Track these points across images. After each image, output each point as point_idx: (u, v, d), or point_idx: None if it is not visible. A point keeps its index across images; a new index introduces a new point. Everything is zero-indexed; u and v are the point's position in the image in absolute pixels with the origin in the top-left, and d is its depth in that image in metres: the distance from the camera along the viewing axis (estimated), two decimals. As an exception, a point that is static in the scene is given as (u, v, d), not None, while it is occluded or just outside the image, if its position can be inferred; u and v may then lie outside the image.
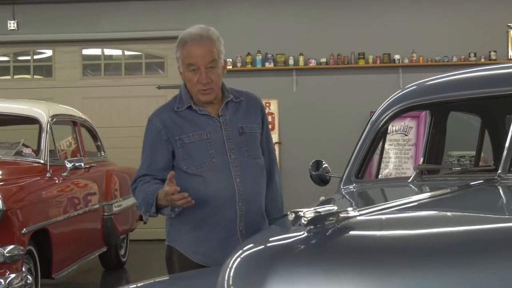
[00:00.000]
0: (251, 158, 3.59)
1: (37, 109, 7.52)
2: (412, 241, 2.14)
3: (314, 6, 10.92)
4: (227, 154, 3.52)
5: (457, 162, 6.13)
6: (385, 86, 9.98)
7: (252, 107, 3.67)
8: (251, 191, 3.56)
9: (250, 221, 3.55)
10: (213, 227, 3.52)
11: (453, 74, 3.67)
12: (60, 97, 10.64)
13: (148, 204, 3.43)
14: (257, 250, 2.27)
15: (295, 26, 10.91)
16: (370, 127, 3.69)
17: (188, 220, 3.55)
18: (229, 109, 3.59)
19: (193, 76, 3.47)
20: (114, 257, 8.90)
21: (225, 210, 3.51)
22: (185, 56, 3.48)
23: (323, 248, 2.12)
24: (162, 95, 10.79)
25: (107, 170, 8.64)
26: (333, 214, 2.19)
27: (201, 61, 3.45)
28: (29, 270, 6.13)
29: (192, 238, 3.56)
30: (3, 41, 11.32)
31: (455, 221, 2.42)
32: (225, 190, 3.49)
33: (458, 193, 2.83)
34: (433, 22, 10.80)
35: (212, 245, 3.52)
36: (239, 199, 3.52)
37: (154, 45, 11.27)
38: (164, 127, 3.55)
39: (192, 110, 3.55)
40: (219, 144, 3.52)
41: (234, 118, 3.59)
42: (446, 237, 2.15)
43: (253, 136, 3.63)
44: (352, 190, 3.49)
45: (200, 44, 3.45)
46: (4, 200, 5.75)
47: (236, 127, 3.58)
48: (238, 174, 3.52)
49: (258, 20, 10.87)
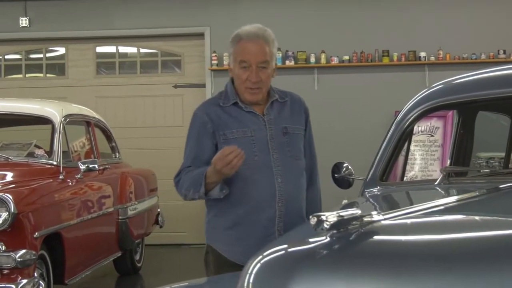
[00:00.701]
0: (293, 159, 3.64)
1: (49, 108, 7.51)
2: (439, 247, 2.10)
3: (336, 2, 10.78)
4: (269, 153, 3.57)
5: (485, 164, 6.23)
6: (411, 85, 9.82)
7: (296, 108, 3.74)
8: (292, 191, 3.60)
9: (289, 222, 3.54)
10: (251, 226, 3.56)
11: (481, 72, 3.64)
12: (74, 96, 10.55)
13: (197, 184, 3.47)
14: (278, 255, 2.27)
15: (316, 23, 10.74)
16: (395, 127, 3.65)
17: (226, 219, 3.60)
18: (274, 108, 3.65)
19: (244, 73, 3.53)
20: (129, 262, 8.83)
21: (265, 209, 3.55)
22: (238, 53, 3.55)
23: (346, 253, 2.12)
24: (178, 94, 10.71)
25: (122, 172, 8.58)
26: (357, 218, 2.17)
27: (253, 59, 3.51)
28: (41, 275, 6.13)
29: (230, 237, 3.61)
30: (15, 38, 11.25)
31: (484, 226, 2.37)
32: (266, 189, 3.54)
33: (486, 196, 2.78)
34: (460, 17, 10.62)
35: (249, 245, 3.47)
36: (279, 199, 3.55)
37: (170, 42, 11.10)
38: (210, 120, 3.59)
39: (237, 107, 3.61)
40: (263, 143, 3.57)
41: (279, 118, 3.64)
42: (474, 242, 2.12)
43: (296, 137, 3.68)
44: (376, 193, 3.46)
45: (254, 42, 3.54)
46: (15, 203, 5.72)
47: (280, 127, 3.63)
48: (280, 174, 3.56)
49: (278, 16, 10.69)
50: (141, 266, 9.15)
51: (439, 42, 10.49)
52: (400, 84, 10.31)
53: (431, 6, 10.64)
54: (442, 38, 10.50)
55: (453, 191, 3.24)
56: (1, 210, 5.64)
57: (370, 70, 10.64)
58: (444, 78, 3.69)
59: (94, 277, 8.53)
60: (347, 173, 3.87)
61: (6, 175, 6.54)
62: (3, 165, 6.74)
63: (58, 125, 7.14)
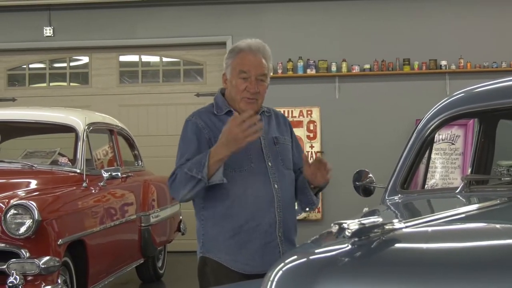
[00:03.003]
0: (285, 168, 3.66)
1: (73, 117, 7.55)
2: (460, 255, 2.10)
3: (357, 11, 10.76)
4: (264, 160, 3.59)
5: (506, 172, 6.08)
6: (432, 94, 9.82)
7: (280, 121, 3.80)
8: (286, 198, 3.61)
9: (287, 229, 3.59)
10: (252, 233, 3.53)
11: (502, 81, 3.62)
12: (97, 104, 10.64)
13: (201, 164, 3.40)
14: (300, 262, 2.25)
15: (337, 32, 10.75)
16: (416, 136, 3.65)
17: (225, 228, 3.54)
18: (263, 120, 3.65)
19: (242, 83, 3.55)
20: (151, 269, 8.83)
21: (264, 215, 3.53)
22: (238, 63, 3.57)
23: (368, 261, 2.11)
24: (201, 102, 10.67)
25: (145, 179, 8.59)
26: (378, 226, 2.17)
27: (254, 70, 3.55)
28: (64, 282, 6.15)
29: (231, 246, 3.54)
30: (39, 47, 11.31)
31: (505, 234, 2.35)
32: (264, 194, 3.53)
33: (508, 204, 2.79)
34: (481, 26, 10.57)
35: (251, 252, 3.52)
36: (278, 205, 3.55)
37: (192, 51, 11.16)
38: (206, 126, 3.59)
39: (230, 116, 3.57)
40: (257, 150, 3.58)
41: (268, 129, 3.69)
42: (496, 250, 2.11)
43: (286, 147, 3.71)
44: (398, 201, 3.47)
45: (255, 55, 3.57)
46: (39, 210, 5.76)
47: (271, 137, 3.67)
48: (276, 181, 3.57)
49: (300, 25, 10.72)
50: (163, 273, 9.15)
51: (460, 51, 10.46)
52: (421, 92, 10.28)
53: (451, 15, 10.60)
54: (463, 47, 10.46)
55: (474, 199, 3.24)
56: (25, 217, 5.67)
57: (391, 79, 10.60)
58: (465, 87, 3.70)
59: (117, 284, 8.54)
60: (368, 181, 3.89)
61: (30, 182, 6.59)
62: (27, 173, 6.78)
63: (81, 133, 7.16)
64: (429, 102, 4.16)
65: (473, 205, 2.89)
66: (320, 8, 10.76)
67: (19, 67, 11.55)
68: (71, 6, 11.02)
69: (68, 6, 11.02)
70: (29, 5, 10.98)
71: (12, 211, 5.69)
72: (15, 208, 5.70)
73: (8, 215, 5.68)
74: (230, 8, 10.79)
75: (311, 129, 10.53)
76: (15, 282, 5.54)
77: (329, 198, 10.10)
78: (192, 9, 10.89)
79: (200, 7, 10.85)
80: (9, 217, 5.68)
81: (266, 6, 10.82)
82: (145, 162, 9.12)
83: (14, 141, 8.42)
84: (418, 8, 10.67)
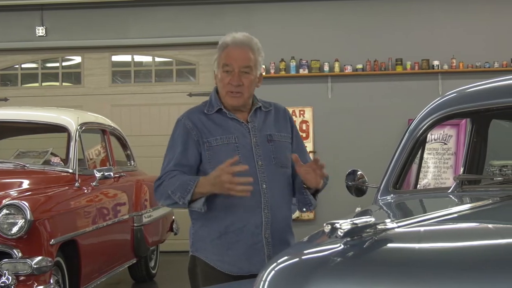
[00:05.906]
0: (278, 167, 3.61)
1: (65, 117, 7.54)
2: (452, 255, 2.11)
3: (349, 11, 10.78)
4: (254, 160, 3.55)
5: (499, 172, 6.08)
6: (424, 94, 9.84)
7: (281, 116, 3.75)
8: (277, 198, 3.57)
9: (277, 230, 3.55)
10: (239, 234, 3.52)
11: (494, 81, 3.63)
12: (89, 104, 10.64)
13: (185, 190, 3.41)
14: (292, 262, 2.25)
15: (330, 32, 10.76)
16: (409, 135, 3.65)
17: (213, 229, 3.55)
18: (257, 116, 3.65)
19: (226, 76, 3.55)
20: (143, 269, 8.83)
21: (251, 216, 3.51)
22: (222, 57, 3.58)
23: (360, 261, 2.12)
24: (193, 102, 10.64)
25: (137, 179, 8.59)
26: (371, 226, 2.17)
27: (236, 63, 3.54)
28: (57, 282, 6.14)
29: (217, 247, 3.55)
30: (32, 47, 11.31)
31: (497, 234, 2.37)
32: (251, 196, 3.44)
33: (500, 204, 2.79)
34: (474, 26, 10.60)
35: (238, 253, 3.52)
36: (265, 206, 3.52)
37: (185, 51, 11.17)
38: (195, 127, 3.58)
39: (221, 114, 3.61)
40: (247, 150, 3.56)
41: (263, 125, 3.65)
42: (487, 250, 2.12)
43: (281, 144, 3.66)
44: (390, 201, 3.47)
45: (239, 48, 3.56)
46: (32, 210, 5.76)
47: (265, 134, 3.62)
48: (265, 181, 3.53)
49: (292, 25, 10.74)
50: (155, 273, 9.15)
51: (452, 51, 10.48)
52: (413, 92, 10.31)
53: (444, 15, 10.63)
54: (456, 47, 10.49)
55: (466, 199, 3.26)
56: (17, 217, 5.67)
57: (383, 79, 10.63)
58: (457, 87, 3.71)
59: (109, 284, 8.53)
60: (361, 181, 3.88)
61: (22, 182, 6.57)
62: (19, 172, 6.77)
63: (74, 133, 7.15)
64: (422, 102, 4.17)
65: (465, 205, 2.90)
66: (312, 8, 10.78)
67: (11, 67, 11.54)
68: (63, 6, 11.02)
69: (61, 6, 11.01)
70: (21, 5, 10.98)
71: (4, 211, 5.69)
72: (7, 208, 5.70)
73: (0, 215, 5.68)
74: (223, 8, 10.80)
75: (303, 129, 10.53)
76: (7, 282, 5.53)
77: (322, 198, 10.05)
78: (185, 9, 10.89)
79: (193, 7, 10.85)
80: (1, 217, 5.68)
81: (259, 6, 10.83)
82: (137, 162, 9.11)
83: (6, 141, 8.42)
84: (411, 8, 10.70)
